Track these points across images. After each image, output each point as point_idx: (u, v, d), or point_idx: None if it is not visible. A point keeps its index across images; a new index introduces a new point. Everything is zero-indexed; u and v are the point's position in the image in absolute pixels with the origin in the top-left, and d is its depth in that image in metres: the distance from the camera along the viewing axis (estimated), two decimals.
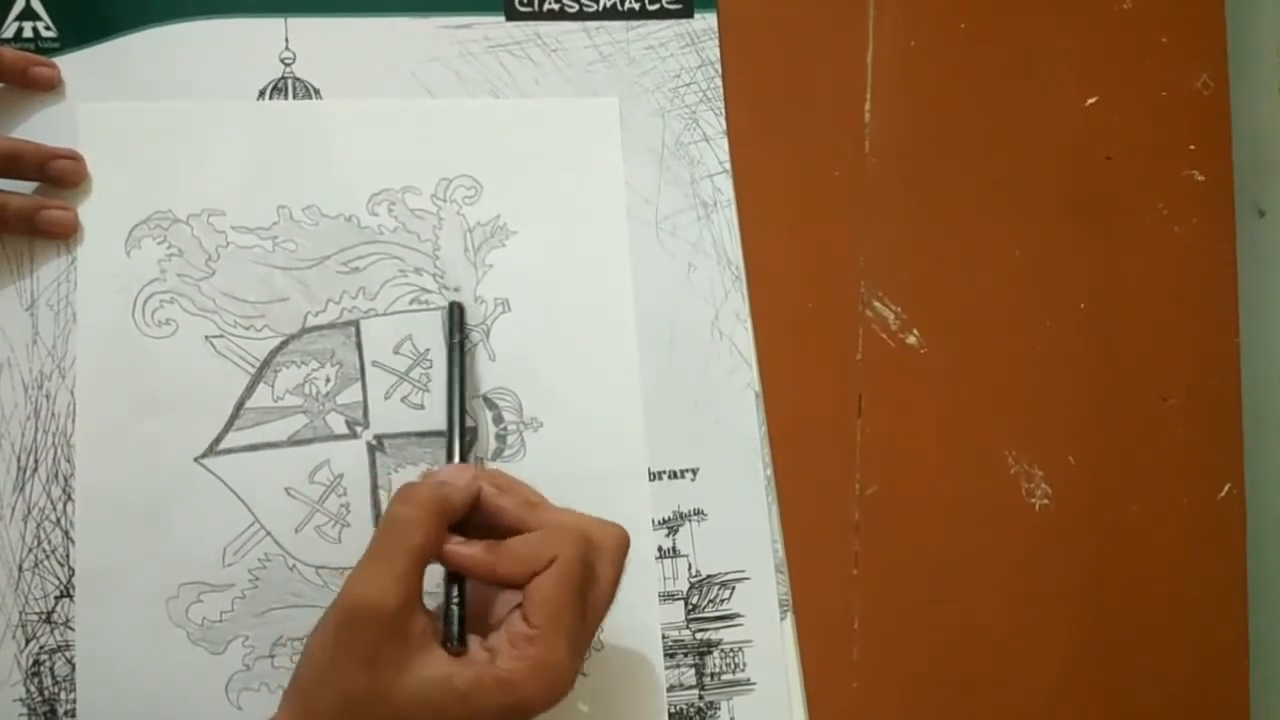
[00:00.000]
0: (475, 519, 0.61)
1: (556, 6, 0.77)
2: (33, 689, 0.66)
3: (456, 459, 0.66)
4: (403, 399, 0.71)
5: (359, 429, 0.70)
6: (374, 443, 0.70)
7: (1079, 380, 0.78)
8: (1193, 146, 0.81)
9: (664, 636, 0.71)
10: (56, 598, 0.67)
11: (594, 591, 0.60)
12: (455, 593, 0.60)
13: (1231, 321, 0.79)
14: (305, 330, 0.71)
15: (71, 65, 0.71)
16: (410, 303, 0.72)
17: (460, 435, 0.67)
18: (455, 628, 0.59)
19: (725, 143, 0.77)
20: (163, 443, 0.68)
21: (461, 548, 0.60)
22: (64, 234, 0.69)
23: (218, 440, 0.69)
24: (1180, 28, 0.82)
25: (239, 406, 0.69)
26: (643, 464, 0.72)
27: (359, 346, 0.71)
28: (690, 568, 0.72)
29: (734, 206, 0.76)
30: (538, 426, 0.72)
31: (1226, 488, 0.78)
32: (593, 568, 0.60)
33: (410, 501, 0.59)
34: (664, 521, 0.72)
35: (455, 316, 0.71)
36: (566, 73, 0.76)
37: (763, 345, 0.75)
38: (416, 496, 0.59)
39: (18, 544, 0.67)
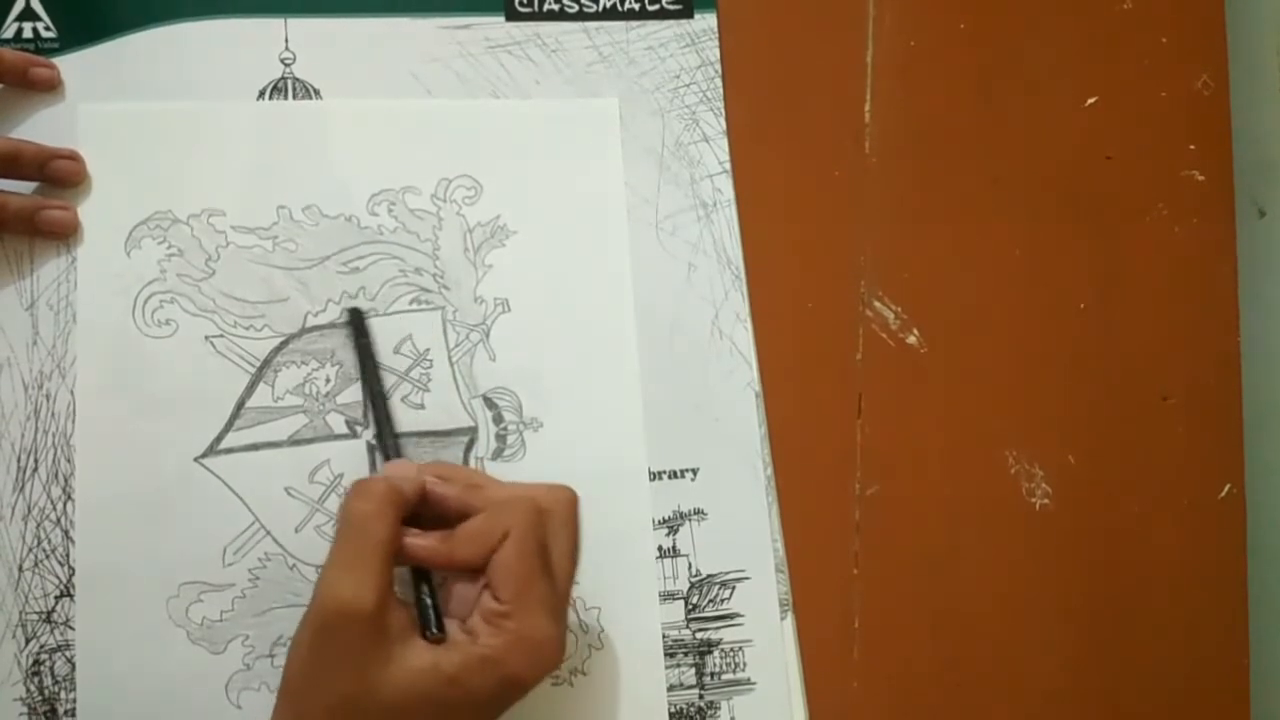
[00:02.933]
0: (424, 511, 0.61)
1: (556, 7, 0.77)
2: (33, 688, 0.66)
3: (392, 457, 0.67)
4: (403, 399, 0.71)
5: (359, 429, 0.70)
6: (374, 443, 0.70)
7: (1079, 380, 0.78)
8: (1193, 146, 0.81)
9: (664, 636, 0.71)
10: (56, 597, 0.67)
11: (555, 555, 0.60)
12: (424, 584, 0.60)
13: (1232, 321, 0.79)
14: (305, 330, 0.71)
15: (71, 65, 0.71)
16: (410, 303, 0.72)
17: (390, 433, 0.68)
18: (431, 616, 0.59)
19: (725, 143, 0.77)
20: (163, 442, 0.68)
21: (417, 540, 0.60)
22: (64, 234, 0.69)
23: (218, 440, 0.69)
24: (1180, 28, 0.82)
25: (239, 406, 0.69)
26: (643, 464, 0.72)
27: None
28: (690, 567, 0.72)
29: (734, 206, 0.76)
30: (538, 426, 0.72)
31: (1226, 488, 0.78)
32: (547, 533, 0.60)
33: (367, 497, 0.59)
34: (664, 521, 0.72)
35: (356, 323, 0.71)
36: (566, 73, 0.76)
37: (763, 345, 0.75)
38: (372, 491, 0.59)
39: (18, 544, 0.67)
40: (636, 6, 0.77)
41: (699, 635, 0.71)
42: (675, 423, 0.73)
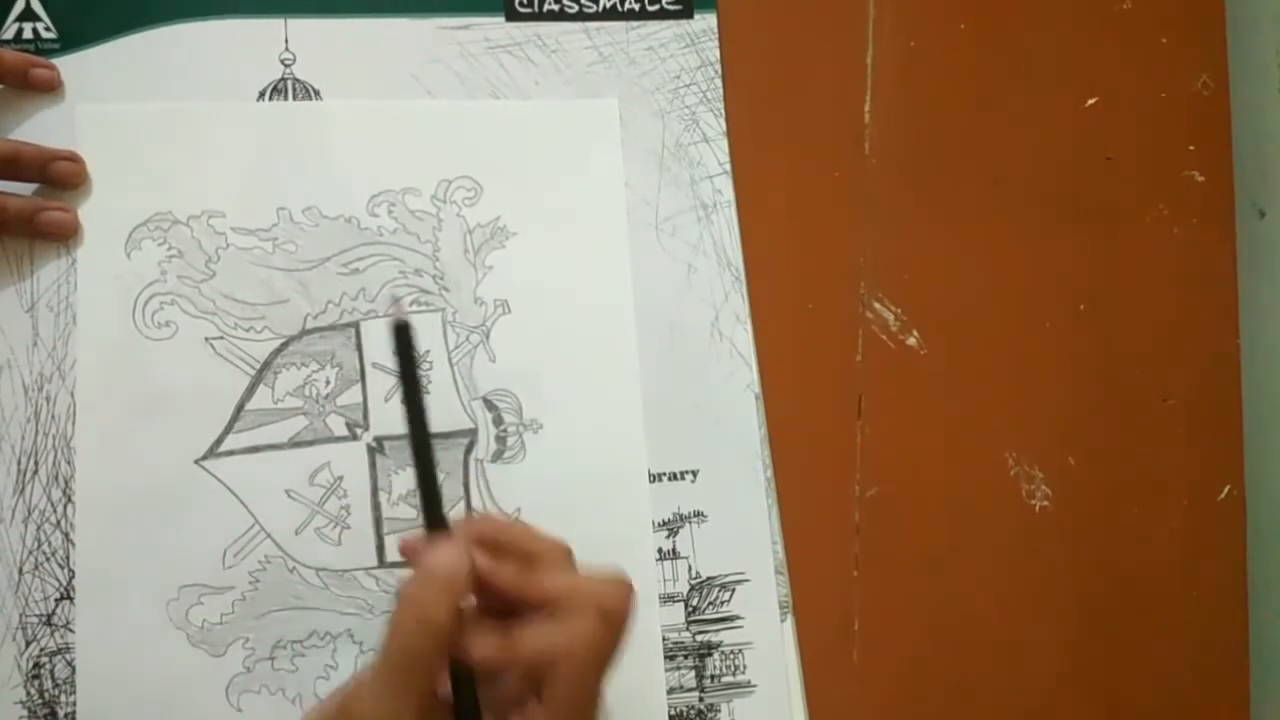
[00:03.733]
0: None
1: (556, 7, 0.77)
2: (33, 691, 0.66)
3: (437, 528, 0.56)
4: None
5: (359, 431, 0.70)
6: (374, 445, 0.70)
7: (1079, 381, 0.78)
8: (1193, 147, 0.81)
9: (664, 639, 0.71)
10: (57, 600, 0.67)
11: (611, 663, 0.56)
12: (466, 687, 0.54)
13: (1231, 321, 0.80)
14: (305, 332, 0.71)
15: (71, 66, 0.71)
16: (410, 304, 0.72)
17: (437, 498, 0.56)
18: None
19: (725, 144, 0.76)
20: (163, 445, 0.68)
21: (477, 642, 0.54)
22: (64, 235, 0.69)
23: (218, 442, 0.69)
24: (1180, 28, 0.82)
25: (239, 408, 0.69)
26: (643, 465, 0.72)
27: (359, 348, 0.71)
28: (690, 569, 0.72)
29: (734, 207, 0.76)
30: (538, 428, 0.72)
31: (1226, 489, 0.78)
32: (609, 643, 0.56)
33: (423, 615, 0.52)
34: (664, 523, 0.72)
35: (404, 339, 0.56)
36: (566, 74, 0.76)
37: (763, 346, 0.75)
38: (427, 611, 0.52)
39: (18, 546, 0.67)
40: (636, 7, 0.77)
41: (699, 638, 0.71)
42: (675, 424, 0.73)
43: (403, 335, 0.55)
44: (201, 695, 0.67)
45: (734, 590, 0.72)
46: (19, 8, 0.72)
